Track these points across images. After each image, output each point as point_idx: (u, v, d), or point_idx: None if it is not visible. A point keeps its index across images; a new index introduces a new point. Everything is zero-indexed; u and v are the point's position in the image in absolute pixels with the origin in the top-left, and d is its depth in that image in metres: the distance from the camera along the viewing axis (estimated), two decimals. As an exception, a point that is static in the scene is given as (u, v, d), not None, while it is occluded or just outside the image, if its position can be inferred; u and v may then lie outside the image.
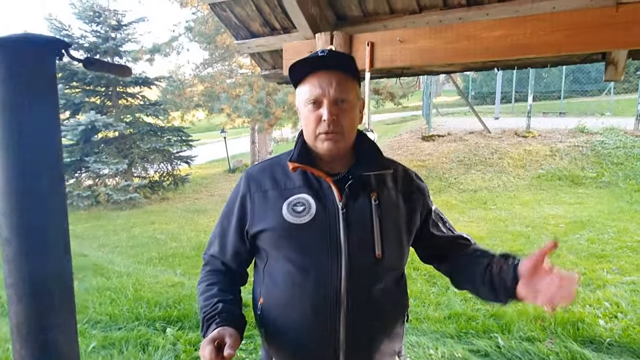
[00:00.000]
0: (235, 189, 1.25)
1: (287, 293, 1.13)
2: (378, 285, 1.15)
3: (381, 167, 1.20)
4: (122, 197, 11.03)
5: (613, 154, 9.34)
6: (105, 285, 4.67)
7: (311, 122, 1.14)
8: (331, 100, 1.12)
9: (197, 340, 3.28)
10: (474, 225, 6.62)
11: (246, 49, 2.82)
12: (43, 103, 0.87)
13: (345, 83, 1.14)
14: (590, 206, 7.26)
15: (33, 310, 0.86)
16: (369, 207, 1.15)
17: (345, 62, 1.16)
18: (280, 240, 1.14)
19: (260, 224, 1.16)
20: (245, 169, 2.61)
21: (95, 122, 10.79)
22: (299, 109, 1.22)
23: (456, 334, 3.27)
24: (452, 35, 1.99)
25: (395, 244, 1.19)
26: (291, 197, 1.15)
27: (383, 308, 1.17)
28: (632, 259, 4.75)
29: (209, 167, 16.85)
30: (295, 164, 1.15)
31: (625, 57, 1.95)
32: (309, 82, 1.15)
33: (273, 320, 1.16)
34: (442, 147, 10.68)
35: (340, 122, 1.13)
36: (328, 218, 1.12)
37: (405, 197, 1.24)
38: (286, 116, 13.70)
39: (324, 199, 1.14)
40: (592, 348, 3.02)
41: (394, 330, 1.21)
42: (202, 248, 6.89)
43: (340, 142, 1.15)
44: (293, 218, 1.12)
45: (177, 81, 14.22)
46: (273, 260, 1.17)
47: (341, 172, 1.20)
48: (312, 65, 1.14)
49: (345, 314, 1.10)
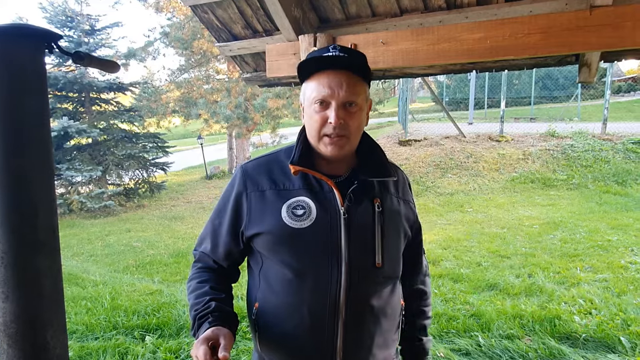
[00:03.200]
0: (230, 186, 1.19)
1: (284, 299, 1.09)
2: (377, 294, 1.12)
3: (386, 173, 1.16)
4: (96, 204, 10.76)
5: (582, 156, 9.69)
6: (80, 295, 4.54)
7: (316, 122, 1.09)
8: (340, 102, 1.06)
9: (178, 347, 3.22)
10: (451, 228, 6.73)
11: (228, 51, 2.81)
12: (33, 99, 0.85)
13: (355, 85, 1.08)
14: (562, 207, 7.50)
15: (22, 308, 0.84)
16: (371, 213, 1.11)
17: (358, 61, 1.09)
18: (278, 244, 1.09)
19: (257, 226, 1.11)
20: (226, 170, 2.49)
21: (68, 128, 10.54)
22: (302, 106, 1.15)
23: (437, 334, 3.31)
24: (433, 37, 2.04)
25: (395, 252, 1.17)
26: (291, 199, 1.09)
27: (381, 316, 1.14)
28: (603, 258, 4.92)
29: (186, 174, 16.63)
30: (297, 167, 1.09)
31: (597, 58, 2.04)
32: (317, 80, 1.08)
33: (268, 326, 1.12)
34: (419, 151, 10.84)
35: (347, 126, 1.07)
36: (329, 223, 1.07)
37: (405, 204, 1.21)
38: (265, 121, 13.66)
39: (325, 203, 1.09)
40: (569, 344, 3.11)
41: (390, 336, 1.19)
42: (180, 255, 6.80)
43: (346, 146, 1.10)
44: (293, 222, 1.07)
45: (153, 87, 14.01)
46: (269, 264, 1.12)
47: (342, 173, 1.15)
48: (323, 63, 1.07)
49: (343, 322, 1.07)
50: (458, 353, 3.06)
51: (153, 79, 15.90)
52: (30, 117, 0.85)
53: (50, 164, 0.88)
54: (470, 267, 4.91)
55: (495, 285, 4.31)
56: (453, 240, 6.04)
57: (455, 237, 6.21)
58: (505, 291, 4.15)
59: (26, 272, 0.84)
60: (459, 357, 3.02)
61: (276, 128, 14.71)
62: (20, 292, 0.82)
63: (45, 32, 0.83)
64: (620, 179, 8.74)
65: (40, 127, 0.85)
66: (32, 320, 0.85)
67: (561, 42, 1.81)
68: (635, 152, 9.64)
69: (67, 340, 0.89)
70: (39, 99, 0.87)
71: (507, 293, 4.11)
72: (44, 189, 0.86)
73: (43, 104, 0.88)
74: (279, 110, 13.27)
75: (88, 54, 0.95)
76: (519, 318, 3.46)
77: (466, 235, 6.28)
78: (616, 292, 3.94)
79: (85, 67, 0.99)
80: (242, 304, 3.96)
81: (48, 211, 0.87)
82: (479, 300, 3.91)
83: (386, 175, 1.16)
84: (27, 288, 0.84)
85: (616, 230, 5.94)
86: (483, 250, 5.55)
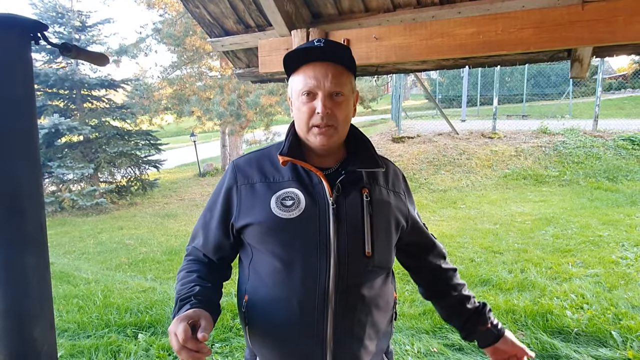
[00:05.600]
0: (221, 180, 1.21)
1: (273, 290, 1.09)
2: (367, 283, 1.12)
3: (374, 164, 1.17)
4: (88, 202, 10.67)
5: (574, 153, 9.76)
6: (72, 293, 4.50)
7: (304, 114, 1.10)
8: (326, 93, 1.08)
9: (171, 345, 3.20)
10: (444, 224, 6.75)
11: (220, 46, 2.79)
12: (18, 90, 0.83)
13: (341, 75, 1.10)
14: (554, 204, 7.55)
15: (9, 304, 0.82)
16: (359, 203, 1.12)
17: (342, 53, 1.11)
18: (267, 235, 1.09)
19: (246, 217, 1.12)
20: (217, 169, 2.43)
21: (59, 125, 10.42)
22: (291, 100, 1.17)
23: (431, 329, 3.31)
24: (426, 32, 2.03)
25: (385, 241, 1.17)
26: (280, 190, 1.11)
27: (371, 306, 1.14)
28: (594, 253, 4.96)
29: (179, 172, 16.54)
30: (285, 158, 1.10)
31: (590, 54, 2.05)
32: (303, 72, 1.10)
33: (258, 318, 1.13)
34: (412, 148, 10.87)
35: (334, 116, 1.09)
36: (318, 213, 1.09)
37: (395, 195, 1.22)
38: (258, 118, 13.62)
39: (314, 194, 1.10)
40: (561, 338, 3.13)
41: (382, 328, 1.19)
42: (173, 253, 6.74)
43: (334, 136, 1.11)
44: (282, 212, 1.08)
45: (145, 84, 13.90)
46: (259, 255, 1.13)
47: (332, 166, 1.17)
48: (308, 55, 1.10)
49: (333, 312, 1.07)
50: (452, 348, 3.07)
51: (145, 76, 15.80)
52: (16, 108, 0.83)
53: (37, 155, 0.86)
54: (463, 263, 4.93)
55: (488, 280, 4.33)
56: (446, 236, 6.05)
57: (448, 233, 6.23)
58: (498, 286, 4.17)
59: (13, 268, 0.83)
60: (453, 352, 3.03)
61: (269, 125, 14.68)
62: (7, 288, 0.81)
63: (30, 22, 0.81)
64: (611, 175, 8.82)
65: (26, 118, 0.84)
66: (19, 316, 0.83)
67: (554, 37, 1.81)
68: (625, 148, 9.73)
69: (55, 336, 0.88)
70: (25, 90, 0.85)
71: (499, 288, 4.13)
72: (31, 182, 0.84)
73: (29, 94, 0.86)
74: (272, 107, 13.25)
75: (76, 45, 0.92)
76: (512, 313, 3.48)
77: (459, 232, 6.31)
78: (607, 287, 3.97)
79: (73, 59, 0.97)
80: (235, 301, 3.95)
81: (35, 205, 0.86)
82: (472, 295, 3.93)
83: (374, 166, 1.17)
84: (14, 284, 0.83)
85: (607, 226, 5.99)
86: (476, 246, 5.57)
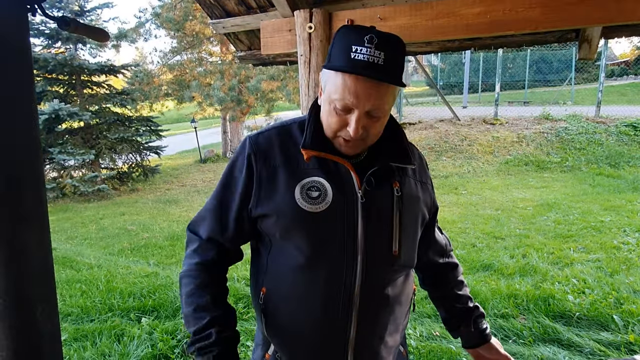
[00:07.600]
0: (239, 157, 1.07)
1: (296, 287, 1.02)
2: (392, 283, 1.07)
3: (408, 160, 1.07)
4: (90, 188, 10.66)
5: (576, 139, 9.71)
6: (75, 278, 4.52)
7: (334, 122, 0.98)
8: (364, 112, 0.94)
9: (174, 328, 3.22)
10: (446, 210, 6.75)
11: (221, 28, 2.74)
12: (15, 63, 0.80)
13: (385, 95, 0.94)
14: (556, 189, 7.54)
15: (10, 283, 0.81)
16: (390, 198, 1.03)
17: (398, 71, 0.95)
18: (291, 229, 1.00)
19: (266, 206, 1.01)
20: (217, 158, 2.35)
21: (59, 111, 10.35)
22: (322, 92, 1.01)
23: (433, 314, 3.33)
24: (432, 12, 1.99)
25: (411, 239, 1.09)
26: (305, 179, 1.00)
27: (394, 305, 1.09)
28: (596, 238, 4.96)
29: (180, 158, 16.52)
30: (310, 152, 0.99)
31: (599, 34, 2.01)
32: (344, 80, 0.92)
33: (277, 312, 1.06)
34: (414, 134, 10.81)
35: (367, 133, 0.98)
36: (345, 207, 0.99)
37: (423, 187, 1.13)
38: (259, 104, 13.54)
39: (342, 185, 1.00)
40: (563, 322, 3.14)
41: (402, 322, 1.16)
42: (175, 238, 6.74)
43: (362, 147, 1.01)
44: (307, 205, 0.98)
45: (145, 70, 13.80)
46: (279, 248, 1.04)
47: (359, 155, 1.05)
48: (358, 67, 0.90)
49: (357, 312, 1.01)
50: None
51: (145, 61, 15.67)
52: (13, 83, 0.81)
53: (36, 131, 0.84)
54: (465, 249, 4.93)
55: (490, 265, 4.33)
56: (448, 222, 6.05)
57: (450, 219, 6.23)
58: (499, 271, 4.18)
59: (14, 245, 0.81)
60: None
61: (271, 111, 14.60)
62: (8, 267, 0.79)
63: (26, -7, 0.78)
64: (613, 161, 8.79)
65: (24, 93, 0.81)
66: (20, 295, 0.82)
67: (562, 17, 1.77)
68: (627, 134, 9.68)
69: (58, 317, 0.87)
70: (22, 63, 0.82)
71: (501, 273, 4.14)
72: (30, 158, 0.82)
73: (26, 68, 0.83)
74: (274, 93, 13.16)
75: (74, 19, 0.89)
76: (514, 297, 3.49)
77: (461, 217, 6.31)
78: (609, 272, 3.98)
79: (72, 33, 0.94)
80: (238, 286, 3.97)
81: (35, 181, 0.84)
82: (474, 280, 3.94)
83: (407, 162, 1.07)
84: (15, 262, 0.81)
85: (609, 212, 5.98)
86: (477, 231, 5.57)
